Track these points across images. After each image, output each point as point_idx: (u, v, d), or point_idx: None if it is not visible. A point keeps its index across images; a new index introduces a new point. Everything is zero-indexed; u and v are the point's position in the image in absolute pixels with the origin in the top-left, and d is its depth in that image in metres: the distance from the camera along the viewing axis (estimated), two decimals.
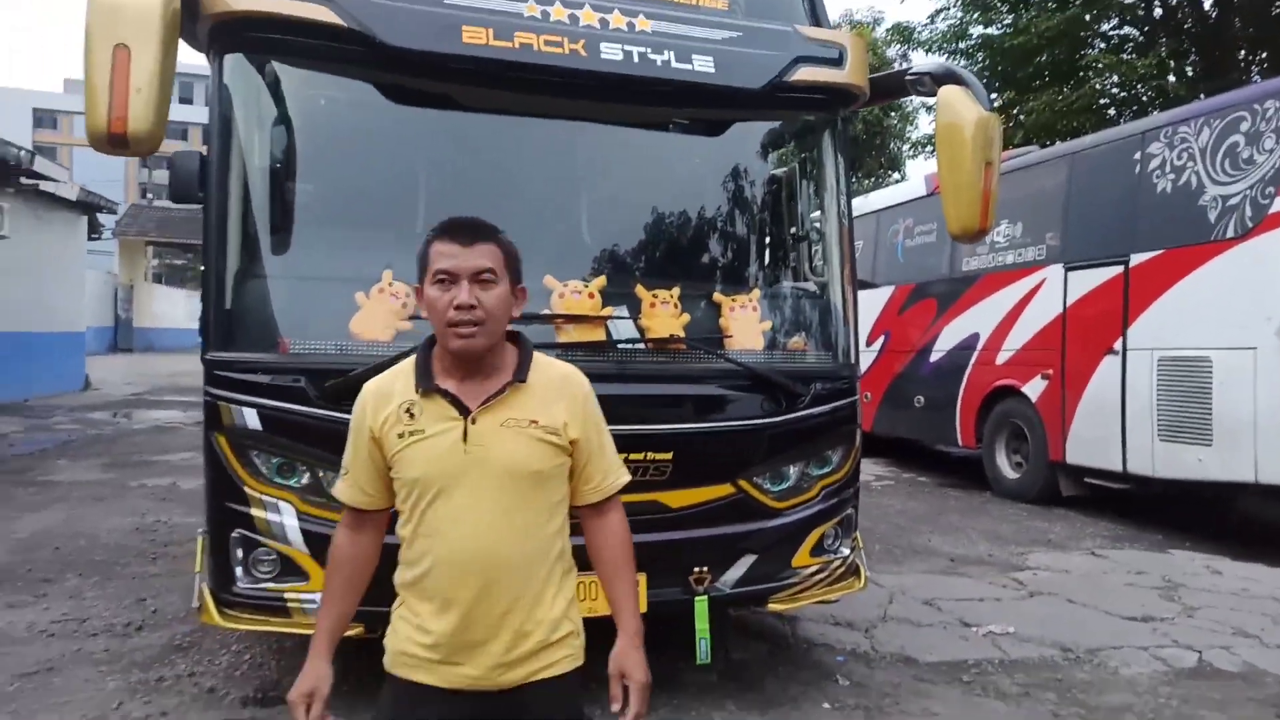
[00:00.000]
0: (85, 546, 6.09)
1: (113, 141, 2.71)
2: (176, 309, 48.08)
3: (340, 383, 3.12)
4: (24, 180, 14.65)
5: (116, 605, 4.91)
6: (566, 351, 3.41)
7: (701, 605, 3.51)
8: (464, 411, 1.79)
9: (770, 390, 3.62)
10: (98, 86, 2.66)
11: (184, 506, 7.50)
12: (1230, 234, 7.13)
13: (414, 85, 3.44)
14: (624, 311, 3.53)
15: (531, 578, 1.82)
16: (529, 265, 3.52)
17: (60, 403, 16.21)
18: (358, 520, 1.92)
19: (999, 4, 15.06)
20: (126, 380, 22.09)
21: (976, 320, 10.02)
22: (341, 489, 1.92)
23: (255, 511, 3.19)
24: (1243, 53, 14.45)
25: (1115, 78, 13.68)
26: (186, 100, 64.57)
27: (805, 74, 3.66)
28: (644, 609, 3.37)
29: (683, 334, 3.54)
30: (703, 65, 3.49)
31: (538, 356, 1.89)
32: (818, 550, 3.78)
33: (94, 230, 20.60)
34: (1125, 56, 14.18)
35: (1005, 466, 9.69)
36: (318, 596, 3.04)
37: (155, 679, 3.90)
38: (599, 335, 3.44)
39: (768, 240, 4.19)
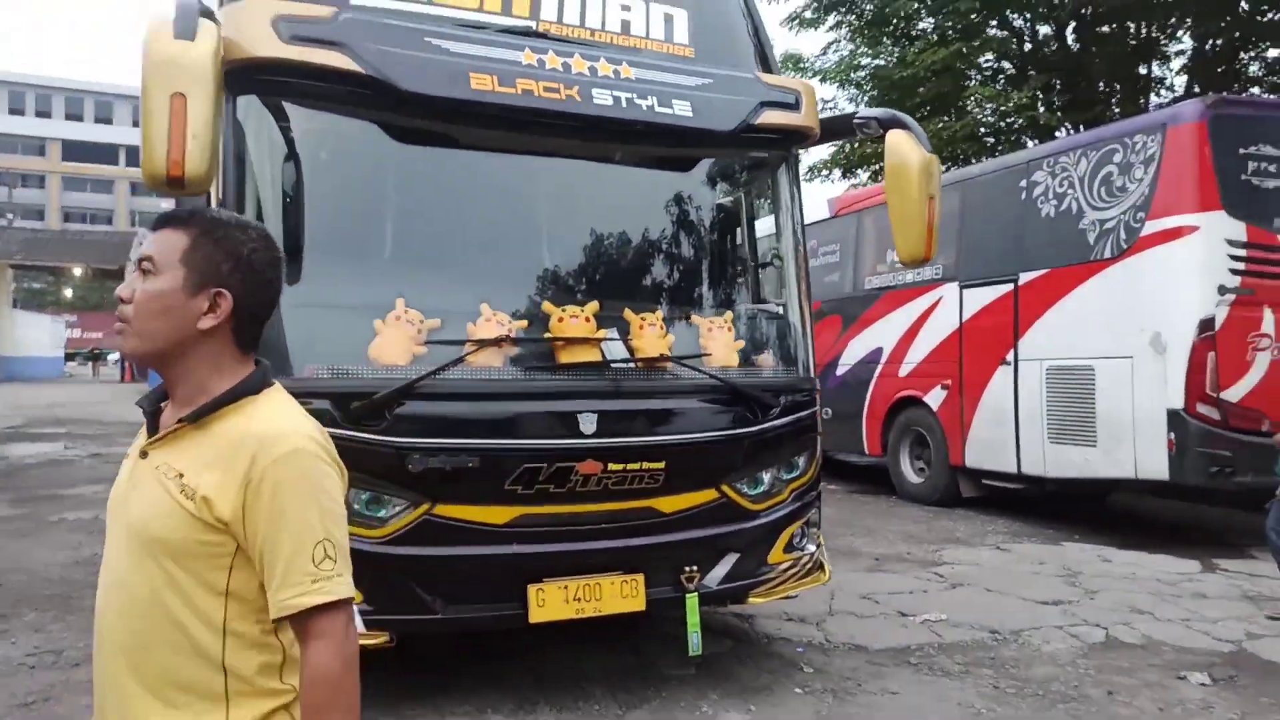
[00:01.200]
0: (28, 581, 5.97)
1: (170, 184, 2.87)
2: (41, 336, 45.53)
3: (366, 405, 3.33)
4: None
5: (86, 636, 4.86)
6: (564, 371, 3.71)
7: (693, 601, 3.84)
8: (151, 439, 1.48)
9: (747, 403, 3.99)
10: (155, 133, 2.82)
11: None
12: (1107, 254, 7.94)
13: (424, 126, 3.70)
14: (615, 334, 3.84)
15: (156, 678, 1.38)
16: (526, 290, 3.84)
17: None
18: None
19: (884, 38, 16.05)
20: None
21: (879, 335, 10.71)
22: None
23: None
24: (1102, 85, 15.81)
25: (990, 108, 14.79)
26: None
27: (769, 117, 4.08)
28: (642, 606, 3.72)
29: (670, 354, 3.87)
30: (681, 109, 3.86)
31: (261, 401, 1.45)
32: (789, 548, 4.17)
33: None
34: (1000, 88, 15.32)
35: (909, 472, 10.36)
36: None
37: None
38: (595, 356, 3.74)
39: (736, 266, 4.59)
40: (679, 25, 4.32)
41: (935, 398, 9.80)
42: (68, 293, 54.97)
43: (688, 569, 3.86)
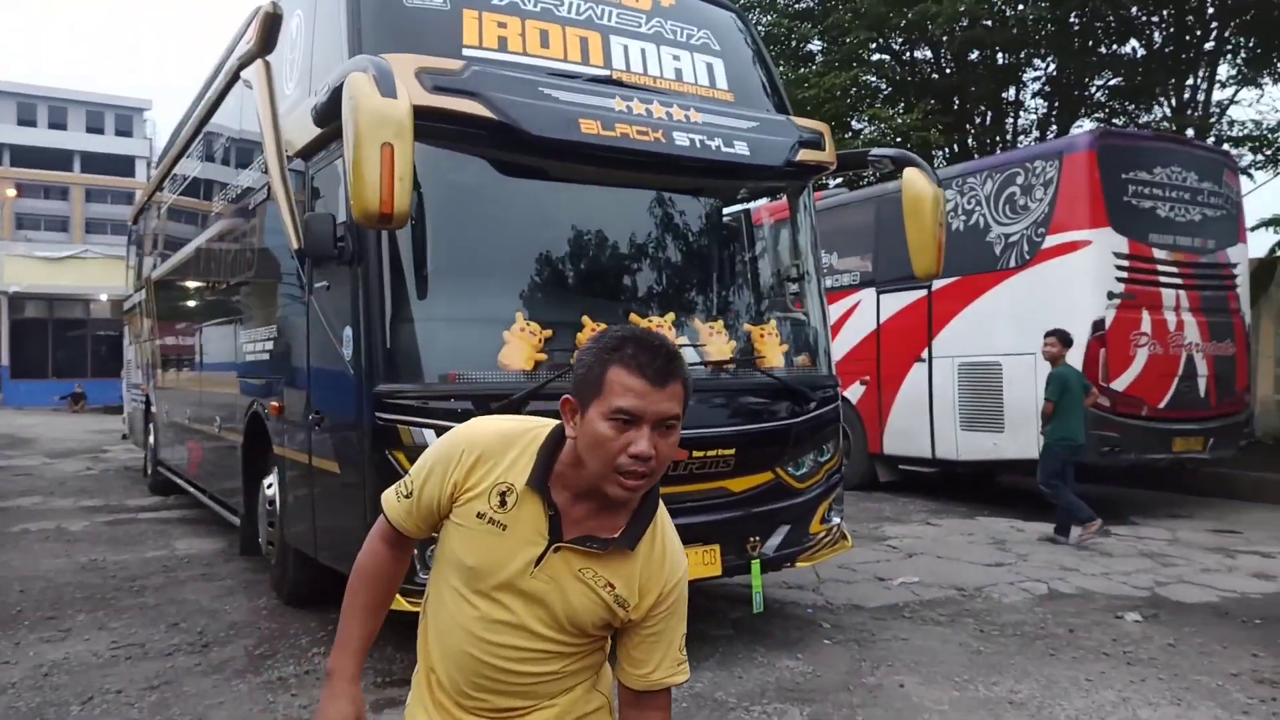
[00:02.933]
0: (49, 587, 6.05)
1: (381, 220, 3.33)
2: None
3: (505, 405, 3.87)
4: None
5: (154, 630, 5.13)
6: None
7: (756, 566, 4.54)
8: (555, 537, 1.63)
9: (794, 398, 4.72)
10: (368, 177, 3.28)
11: (105, 545, 7.44)
12: (1013, 264, 9.11)
13: (539, 164, 4.25)
14: (687, 341, 4.49)
15: (543, 701, 1.74)
16: (617, 304, 4.45)
17: None
18: (399, 538, 1.79)
19: (779, 60, 17.16)
20: None
21: None
22: (395, 506, 1.75)
23: None
24: (970, 107, 17.41)
25: (879, 127, 16.11)
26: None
27: (804, 154, 4.84)
28: (720, 572, 4.39)
29: (734, 357, 4.56)
30: (741, 149, 4.54)
31: (659, 520, 1.71)
32: (823, 520, 4.93)
33: None
34: (881, 108, 16.66)
35: None
36: None
37: (277, 679, 4.34)
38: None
39: (773, 280, 5.32)
40: (719, 73, 5.01)
41: (854, 393, 10.80)
42: None
43: (751, 539, 4.55)
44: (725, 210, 5.09)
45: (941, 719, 3.94)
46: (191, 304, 8.48)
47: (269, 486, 5.65)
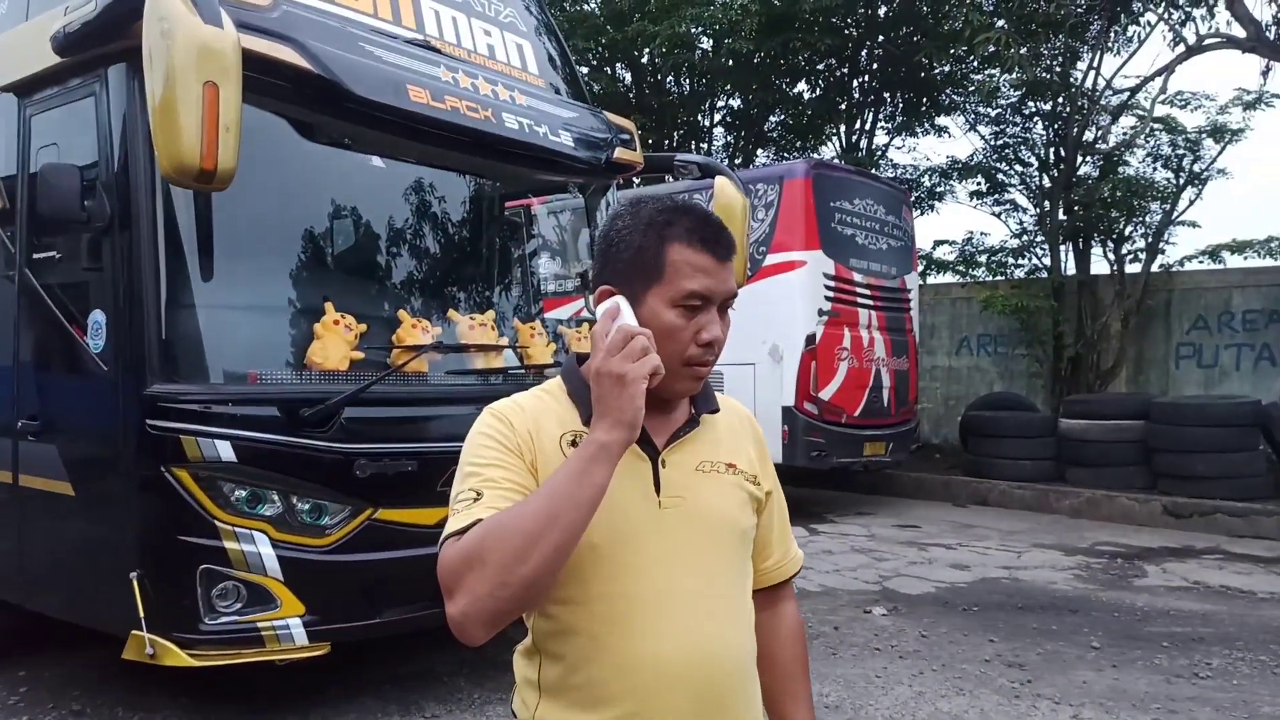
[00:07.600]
0: None
1: (200, 178, 2.63)
2: None
3: (319, 411, 3.26)
4: None
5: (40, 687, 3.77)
6: (478, 375, 3.92)
7: None
8: (651, 451, 1.36)
9: None
10: (186, 123, 2.57)
11: None
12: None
13: (355, 131, 3.63)
14: (506, 340, 4.12)
15: (750, 681, 1.42)
16: (434, 299, 3.99)
17: None
18: None
19: None
20: None
21: None
22: (476, 513, 1.30)
23: (228, 544, 3.14)
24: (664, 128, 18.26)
25: None
26: None
27: (620, 153, 4.64)
28: None
29: (552, 360, 4.24)
30: (566, 139, 4.26)
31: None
32: None
33: None
34: None
35: None
36: (290, 622, 3.24)
37: None
38: (501, 362, 3.99)
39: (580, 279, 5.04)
40: (528, 56, 4.67)
41: None
42: None
43: None
44: (540, 202, 4.77)
45: None
46: None
47: None
